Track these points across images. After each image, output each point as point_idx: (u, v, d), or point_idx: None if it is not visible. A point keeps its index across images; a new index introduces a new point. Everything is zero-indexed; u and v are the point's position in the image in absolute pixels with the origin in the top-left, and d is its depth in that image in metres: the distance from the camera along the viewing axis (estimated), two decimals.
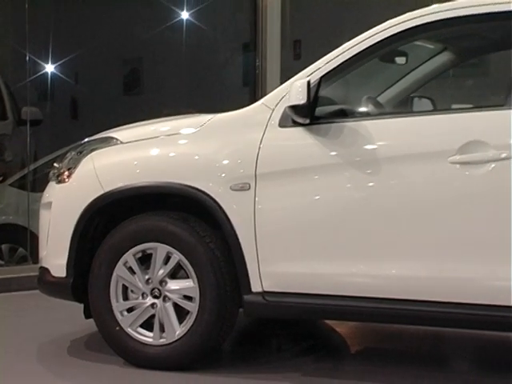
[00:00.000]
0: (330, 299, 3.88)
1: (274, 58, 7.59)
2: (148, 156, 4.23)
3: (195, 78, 8.05)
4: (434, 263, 3.72)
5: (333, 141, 3.88)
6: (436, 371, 4.28)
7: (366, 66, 4.15)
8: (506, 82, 3.77)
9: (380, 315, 3.90)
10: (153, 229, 4.12)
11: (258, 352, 4.60)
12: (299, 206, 3.92)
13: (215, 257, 4.01)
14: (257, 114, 4.06)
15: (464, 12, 3.86)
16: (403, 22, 3.90)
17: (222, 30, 7.95)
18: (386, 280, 3.81)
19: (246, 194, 3.96)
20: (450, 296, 3.70)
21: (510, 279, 3.57)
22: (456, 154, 3.66)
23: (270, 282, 3.95)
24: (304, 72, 3.99)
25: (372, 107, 4.19)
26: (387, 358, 4.57)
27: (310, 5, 8.22)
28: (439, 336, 4.84)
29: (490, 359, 4.57)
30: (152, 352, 4.12)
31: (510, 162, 3.57)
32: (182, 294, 4.08)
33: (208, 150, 4.08)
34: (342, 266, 3.86)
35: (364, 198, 3.84)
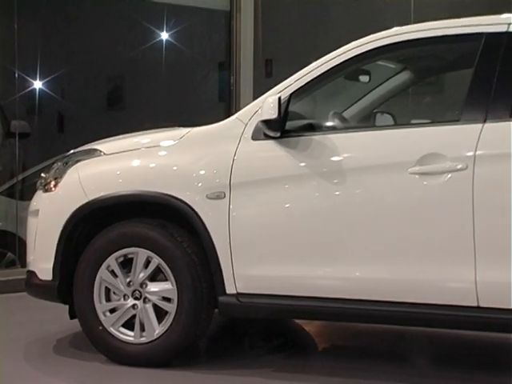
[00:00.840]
0: (299, 300, 3.89)
1: (247, 75, 7.60)
2: (130, 167, 4.21)
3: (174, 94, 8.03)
4: (396, 266, 3.73)
5: (302, 153, 3.89)
6: (398, 367, 4.29)
7: (332, 84, 4.16)
8: (460, 99, 3.79)
9: (345, 315, 3.91)
10: (134, 235, 4.10)
11: (233, 349, 4.59)
12: (270, 213, 3.92)
13: (192, 261, 4.00)
14: (231, 128, 4.06)
15: (422, 34, 3.90)
16: (366, 44, 3.93)
17: (198, 49, 7.94)
18: (351, 282, 3.81)
19: (221, 202, 3.95)
20: (410, 296, 3.71)
21: (467, 281, 3.60)
22: (415, 165, 3.67)
23: (243, 284, 3.95)
24: (275, 89, 3.99)
25: (338, 122, 4.21)
26: (353, 354, 4.58)
27: (280, 26, 8.23)
28: (401, 334, 4.85)
29: (451, 355, 4.59)
30: (133, 350, 4.10)
31: (464, 173, 3.59)
32: (161, 296, 4.07)
33: (186, 161, 4.07)
34: (310, 269, 3.86)
35: (331, 206, 3.85)
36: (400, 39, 3.91)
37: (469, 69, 3.83)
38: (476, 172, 3.58)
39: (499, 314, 3.59)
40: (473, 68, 3.76)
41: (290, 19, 8.33)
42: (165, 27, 7.62)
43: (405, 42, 3.92)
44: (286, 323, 5.08)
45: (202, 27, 7.83)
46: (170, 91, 7.89)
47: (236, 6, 7.56)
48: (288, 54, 8.12)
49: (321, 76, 3.97)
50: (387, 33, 3.93)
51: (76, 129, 7.61)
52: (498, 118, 3.63)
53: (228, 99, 7.67)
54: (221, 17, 7.66)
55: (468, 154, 3.60)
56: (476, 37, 3.78)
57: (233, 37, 7.55)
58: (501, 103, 3.65)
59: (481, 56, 3.74)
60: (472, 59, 3.77)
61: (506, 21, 3.77)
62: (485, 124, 3.62)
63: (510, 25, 3.73)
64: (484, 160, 3.58)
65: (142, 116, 7.53)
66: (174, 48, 7.68)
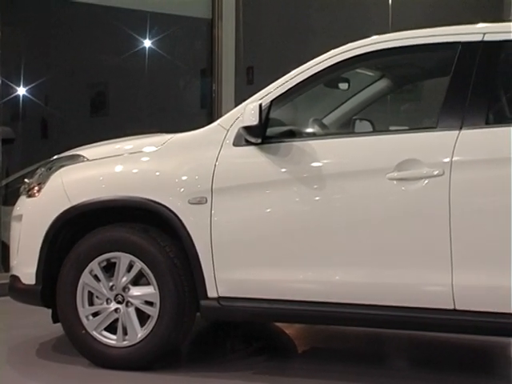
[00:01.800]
0: (280, 303, 3.89)
1: (229, 82, 7.61)
2: (112, 172, 4.20)
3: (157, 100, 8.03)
4: (374, 270, 3.75)
5: (282, 159, 3.90)
6: (377, 369, 4.31)
7: (312, 91, 4.17)
8: (436, 107, 3.82)
9: (325, 318, 3.92)
10: (117, 239, 4.09)
11: (214, 352, 4.59)
12: (251, 218, 3.92)
13: (174, 265, 4.00)
14: (213, 134, 4.06)
15: (399, 43, 3.92)
16: (345, 52, 3.94)
17: (181, 57, 7.94)
18: (330, 286, 3.82)
19: (202, 208, 3.95)
20: (388, 300, 3.73)
21: (444, 284, 3.62)
22: (393, 171, 3.69)
23: (224, 288, 3.95)
24: (256, 96, 4.00)
25: (318, 128, 4.22)
26: (332, 357, 4.58)
27: (261, 34, 8.26)
28: (379, 336, 4.87)
29: (428, 357, 4.61)
30: (115, 353, 4.08)
31: (441, 179, 3.62)
32: (143, 300, 4.05)
33: (168, 166, 4.07)
34: (291, 273, 3.86)
35: (311, 210, 3.86)
36: (378, 48, 3.93)
37: (445, 77, 3.86)
38: (452, 178, 3.60)
39: (475, 316, 3.61)
40: (449, 76, 3.79)
41: (271, 27, 8.35)
42: (147, 35, 7.62)
43: (383, 50, 3.94)
44: (266, 326, 5.08)
45: (185, 35, 7.83)
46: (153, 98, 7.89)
47: (218, 14, 7.58)
48: (269, 61, 8.14)
49: (301, 83, 3.98)
50: (366, 41, 3.95)
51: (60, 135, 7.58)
52: (474, 125, 3.66)
53: (210, 106, 7.68)
54: (203, 25, 7.67)
55: (445, 160, 3.62)
56: (452, 45, 3.81)
57: (215, 44, 7.57)
58: (476, 110, 3.68)
59: (457, 64, 3.76)
60: (448, 67, 3.80)
61: (482, 30, 3.80)
62: (461, 131, 3.65)
63: (485, 34, 3.77)
64: (460, 166, 3.60)
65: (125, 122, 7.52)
66: (156, 55, 7.68)
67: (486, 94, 3.73)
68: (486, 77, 3.73)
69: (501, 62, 3.78)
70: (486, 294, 3.59)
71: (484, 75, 3.72)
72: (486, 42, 3.75)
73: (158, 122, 7.51)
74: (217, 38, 7.56)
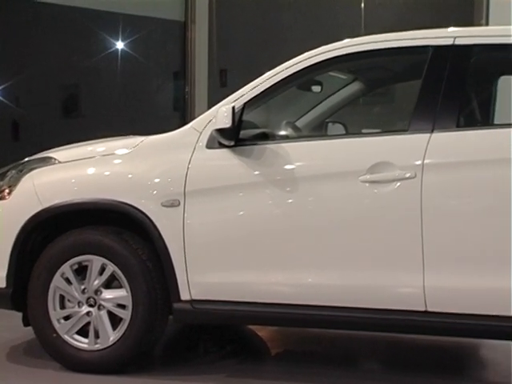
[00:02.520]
0: (253, 306, 3.89)
1: (202, 85, 7.61)
2: (84, 174, 4.18)
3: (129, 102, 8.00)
4: (347, 272, 3.76)
5: (255, 161, 3.90)
6: (350, 371, 4.32)
7: (285, 94, 4.18)
8: (408, 110, 3.85)
9: (298, 320, 3.93)
10: (89, 242, 4.07)
11: (187, 355, 4.57)
12: (224, 220, 3.92)
13: (147, 268, 3.99)
14: (186, 137, 4.05)
15: (371, 46, 3.94)
16: (318, 55, 3.96)
17: (154, 59, 7.92)
18: (304, 288, 3.83)
19: (175, 210, 3.94)
20: (361, 302, 3.74)
21: (416, 286, 3.64)
22: (366, 173, 3.71)
23: (197, 291, 3.94)
24: (229, 98, 4.00)
25: (291, 131, 4.24)
26: (305, 359, 4.59)
27: (235, 37, 8.26)
28: (351, 338, 4.88)
29: (399, 359, 4.63)
30: (87, 357, 4.06)
31: (413, 181, 3.64)
32: (115, 303, 4.04)
33: (141, 169, 4.06)
34: (263, 276, 3.87)
35: (284, 213, 3.86)
36: (351, 51, 3.95)
37: (417, 80, 3.89)
38: (424, 180, 3.63)
39: (447, 318, 3.64)
40: (421, 79, 3.82)
41: (244, 30, 8.36)
42: (120, 37, 7.59)
43: (355, 53, 3.96)
44: (239, 329, 5.08)
45: (158, 37, 7.81)
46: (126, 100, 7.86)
47: (191, 17, 7.58)
48: (242, 63, 8.15)
49: (274, 86, 3.99)
50: (338, 44, 3.97)
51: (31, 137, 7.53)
52: (445, 128, 3.69)
53: (183, 108, 7.67)
54: (176, 27, 7.66)
55: (416, 162, 3.65)
56: (424, 49, 3.84)
57: (188, 47, 7.56)
58: (447, 114, 3.71)
59: (428, 68, 3.80)
60: (420, 71, 3.83)
61: (452, 34, 3.84)
62: (432, 134, 3.68)
63: (455, 38, 3.80)
64: (432, 169, 3.63)
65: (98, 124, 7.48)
66: (129, 57, 7.65)
67: (457, 97, 3.76)
68: (457, 80, 3.76)
69: (471, 65, 3.82)
70: (457, 296, 3.63)
71: (455, 79, 3.75)
72: (456, 46, 3.78)
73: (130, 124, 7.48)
74: (190, 40, 7.56)
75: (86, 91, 7.73)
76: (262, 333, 4.99)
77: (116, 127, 7.28)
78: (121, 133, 4.74)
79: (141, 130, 4.72)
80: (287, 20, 8.39)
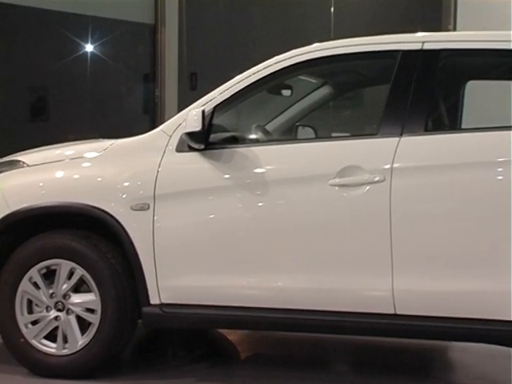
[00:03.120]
0: (223, 310, 3.89)
1: (172, 88, 7.60)
2: (53, 178, 4.15)
3: (99, 105, 7.95)
4: (317, 276, 3.77)
5: (225, 165, 3.90)
6: (319, 374, 4.34)
7: (255, 97, 4.19)
8: (378, 114, 3.87)
9: (268, 324, 3.93)
10: (57, 246, 4.04)
11: (156, 359, 4.55)
12: (194, 224, 3.92)
13: (116, 272, 3.97)
14: (156, 140, 4.04)
15: (341, 51, 3.96)
16: (288, 59, 3.97)
17: (123, 62, 7.89)
18: (274, 291, 3.83)
19: (145, 214, 3.93)
20: (330, 305, 3.76)
21: (385, 289, 3.66)
22: (335, 177, 3.73)
23: (167, 295, 3.93)
24: (199, 102, 4.00)
25: (261, 134, 4.24)
26: (275, 363, 4.59)
27: (205, 40, 8.26)
28: (322, 341, 4.90)
29: (369, 361, 4.65)
30: (55, 362, 4.03)
31: (382, 185, 3.66)
32: (84, 307, 4.01)
33: (110, 172, 4.04)
34: (233, 279, 3.87)
35: (253, 217, 3.87)
36: (320, 55, 3.97)
37: (386, 84, 3.91)
38: (393, 184, 3.65)
39: (415, 321, 3.67)
40: (390, 83, 3.84)
41: (214, 33, 8.36)
42: (89, 39, 7.55)
43: (325, 57, 3.97)
44: (209, 333, 5.07)
45: (127, 40, 7.78)
46: (95, 103, 7.82)
47: (161, 20, 7.56)
48: (212, 67, 8.14)
49: (244, 89, 3.99)
50: (308, 48, 3.98)
51: None
52: (414, 132, 3.71)
53: (153, 111, 7.65)
54: (145, 30, 7.64)
55: (385, 166, 3.67)
56: (392, 54, 3.87)
57: (157, 50, 7.54)
58: (416, 118, 3.74)
59: (397, 72, 3.82)
60: (389, 75, 3.85)
61: (421, 39, 3.87)
62: (401, 138, 3.70)
63: (424, 43, 3.84)
64: (400, 172, 3.66)
65: (66, 127, 7.43)
66: (98, 60, 7.61)
67: (426, 101, 3.79)
68: (425, 85, 3.79)
69: (439, 70, 3.86)
70: (426, 299, 3.65)
71: (423, 83, 3.78)
72: (425, 51, 3.82)
73: (99, 128, 7.44)
74: (160, 43, 7.54)
75: (54, 94, 7.66)
76: (231, 336, 4.99)
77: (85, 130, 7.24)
78: (90, 136, 4.71)
79: (110, 133, 4.69)
80: (258, 24, 8.41)
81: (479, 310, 3.59)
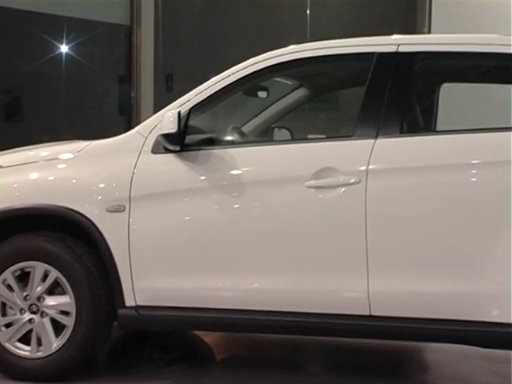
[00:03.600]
0: (199, 312, 3.88)
1: (148, 89, 7.57)
2: (28, 179, 4.12)
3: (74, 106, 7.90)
4: (293, 277, 3.77)
5: (201, 166, 3.89)
6: (295, 375, 4.34)
7: (231, 99, 4.18)
8: (353, 116, 3.88)
9: (244, 325, 3.93)
10: (31, 248, 4.01)
11: (132, 362, 4.54)
12: (170, 226, 3.91)
13: (91, 274, 3.94)
14: (131, 141, 4.02)
15: (317, 53, 3.97)
16: (264, 61, 3.96)
17: (99, 63, 7.84)
18: (250, 293, 3.83)
19: (120, 215, 3.91)
20: (306, 307, 3.76)
21: (360, 291, 3.67)
22: (311, 179, 3.73)
23: (142, 297, 3.91)
24: (175, 103, 3.99)
25: (237, 136, 4.24)
26: (251, 364, 4.59)
27: (181, 42, 8.24)
28: (297, 343, 4.90)
29: (344, 363, 4.66)
30: (29, 365, 3.99)
31: (357, 187, 3.67)
32: (59, 310, 3.98)
33: (85, 174, 4.01)
34: (209, 281, 3.86)
35: (230, 218, 3.86)
36: (296, 57, 3.97)
37: (362, 86, 3.92)
38: (368, 186, 3.66)
39: (391, 322, 3.68)
40: (365, 86, 3.86)
41: (190, 35, 8.34)
42: (64, 40, 7.50)
43: (301, 59, 3.98)
44: (185, 335, 5.06)
45: (103, 41, 7.74)
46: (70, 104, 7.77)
47: (136, 21, 7.53)
48: (189, 68, 8.13)
49: (220, 91, 3.99)
50: (284, 50, 3.99)
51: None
52: (389, 134, 3.73)
53: (128, 113, 7.61)
54: (121, 31, 7.60)
55: (361, 168, 3.68)
56: (368, 56, 3.88)
57: (133, 51, 7.51)
58: (391, 120, 3.75)
59: (372, 74, 3.83)
60: (364, 77, 3.87)
61: (396, 41, 3.89)
62: (376, 140, 3.72)
63: (399, 45, 3.85)
64: (376, 174, 3.67)
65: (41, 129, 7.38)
66: (74, 61, 7.56)
67: (401, 103, 3.81)
68: (401, 87, 3.81)
69: (414, 72, 3.87)
70: (401, 300, 3.67)
71: (398, 85, 3.80)
72: (400, 53, 3.83)
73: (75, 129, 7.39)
74: (135, 44, 7.51)
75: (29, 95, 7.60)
76: (207, 338, 4.98)
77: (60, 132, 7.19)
78: (65, 137, 4.68)
79: (86, 134, 4.67)
80: (234, 26, 8.40)
81: (453, 311, 3.61)
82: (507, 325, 3.54)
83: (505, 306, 3.54)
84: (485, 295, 3.56)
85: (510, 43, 3.76)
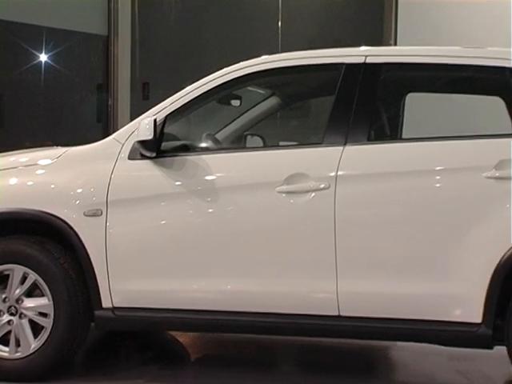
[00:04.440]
0: (174, 313, 3.87)
1: (125, 97, 7.54)
2: (7, 184, 4.07)
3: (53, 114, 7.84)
4: (265, 279, 3.77)
5: (176, 172, 3.88)
6: (266, 373, 4.34)
7: (206, 107, 4.18)
8: (323, 123, 3.89)
9: (217, 326, 3.92)
10: (10, 251, 3.97)
11: (108, 362, 4.51)
12: (146, 230, 3.89)
13: (69, 276, 3.91)
14: (108, 148, 4.00)
15: (288, 63, 3.98)
16: (237, 70, 3.97)
17: (77, 71, 7.79)
18: (223, 295, 3.83)
19: (98, 220, 3.88)
20: (277, 308, 3.76)
21: (329, 292, 3.68)
22: (282, 184, 3.73)
23: (119, 299, 3.89)
24: (151, 111, 3.97)
25: (211, 143, 4.23)
26: (224, 363, 4.58)
27: (157, 51, 8.21)
28: (270, 343, 4.89)
29: (313, 361, 4.67)
30: (8, 365, 3.95)
31: (327, 192, 3.68)
32: (37, 311, 3.94)
33: (63, 179, 3.98)
34: (183, 283, 3.85)
35: (203, 223, 3.85)
36: (268, 67, 3.98)
37: (331, 96, 3.94)
38: (337, 191, 3.67)
39: (358, 322, 3.69)
40: (334, 95, 3.87)
41: (166, 44, 8.32)
42: (44, 49, 7.45)
43: (273, 69, 3.99)
44: (160, 335, 5.03)
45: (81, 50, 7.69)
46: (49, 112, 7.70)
47: (113, 31, 7.51)
48: (164, 77, 8.10)
49: (195, 99, 3.98)
50: (256, 61, 3.99)
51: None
52: (357, 141, 3.75)
53: (106, 120, 7.58)
54: (99, 41, 7.57)
55: (330, 174, 3.69)
56: (337, 67, 3.90)
57: (110, 60, 7.48)
58: (359, 128, 3.77)
59: (341, 84, 3.85)
60: (333, 87, 3.88)
61: (364, 53, 3.91)
62: (345, 147, 3.73)
63: (366, 57, 3.87)
64: (345, 180, 3.68)
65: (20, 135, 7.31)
66: (53, 70, 7.51)
67: (368, 112, 3.83)
68: (368, 96, 3.83)
69: (381, 82, 3.90)
70: (368, 301, 3.68)
71: (366, 95, 3.81)
72: (367, 64, 3.85)
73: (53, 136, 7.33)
74: (113, 54, 7.48)
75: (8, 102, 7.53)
76: (182, 338, 4.96)
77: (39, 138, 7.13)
78: (43, 144, 4.64)
79: (64, 141, 4.63)
80: (208, 36, 8.40)
81: (418, 312, 3.63)
82: (469, 324, 3.57)
83: (466, 306, 3.56)
84: (447, 296, 3.58)
85: (470, 55, 3.82)
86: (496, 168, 3.56)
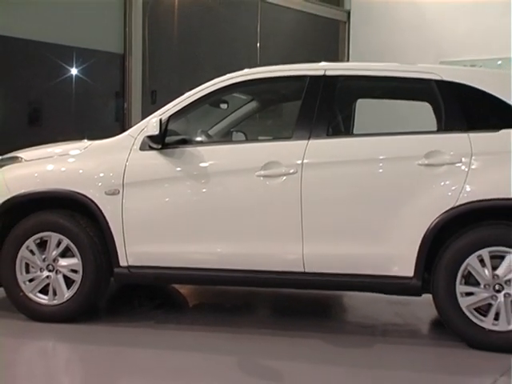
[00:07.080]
0: (176, 270, 3.86)
1: (137, 102, 7.50)
2: (45, 170, 4.04)
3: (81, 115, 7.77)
4: (246, 244, 3.77)
5: (177, 160, 3.86)
6: (248, 317, 4.34)
7: (200, 109, 4.15)
8: (292, 122, 3.89)
9: (209, 280, 3.93)
10: (48, 222, 3.95)
11: (124, 307, 4.49)
12: (153, 205, 3.87)
13: (94, 241, 3.90)
14: (124, 141, 3.97)
15: (264, 75, 3.99)
16: (224, 80, 3.96)
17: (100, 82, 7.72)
18: (214, 256, 3.82)
19: (116, 197, 3.86)
20: (256, 266, 3.76)
21: (297, 253, 3.68)
22: (260, 170, 3.73)
23: (133, 259, 3.88)
24: (158, 112, 3.96)
25: (204, 137, 4.21)
26: (216, 309, 4.58)
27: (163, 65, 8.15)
28: (250, 293, 4.90)
29: (285, 308, 4.67)
30: (47, 310, 3.95)
31: (295, 176, 3.68)
32: (69, 269, 3.93)
33: (89, 165, 3.96)
34: (184, 247, 3.84)
35: (199, 199, 3.84)
36: (249, 77, 3.97)
37: (298, 100, 3.93)
38: (303, 175, 3.68)
39: (319, 276, 3.70)
40: (301, 100, 3.86)
41: (170, 61, 8.27)
42: (73, 65, 7.37)
43: (253, 80, 3.98)
44: (165, 287, 5.02)
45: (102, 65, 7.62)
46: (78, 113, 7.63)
47: (128, 50, 7.48)
48: (168, 86, 8.04)
49: (192, 103, 3.97)
50: (240, 73, 3.98)
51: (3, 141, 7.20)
52: (319, 136, 3.75)
53: (122, 120, 7.53)
54: (116, 58, 7.51)
55: (297, 162, 3.69)
56: (303, 78, 3.89)
57: (126, 73, 7.45)
58: (320, 126, 3.77)
59: (306, 92, 3.84)
60: (300, 94, 3.87)
61: (324, 67, 3.90)
62: (309, 140, 3.73)
63: (326, 70, 3.86)
64: (309, 166, 3.68)
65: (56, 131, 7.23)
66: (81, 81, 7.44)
67: (327, 113, 3.83)
68: (327, 101, 3.83)
69: (337, 90, 3.89)
70: (327, 260, 3.69)
71: (325, 100, 3.81)
72: (326, 76, 3.85)
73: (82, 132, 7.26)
74: (128, 68, 7.44)
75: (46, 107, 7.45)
76: (183, 290, 4.95)
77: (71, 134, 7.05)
78: (74, 138, 4.59)
79: (89, 136, 4.58)
80: (202, 54, 8.35)
81: (366, 268, 3.65)
82: (404, 278, 3.59)
83: (402, 264, 3.58)
84: (387, 256, 3.60)
85: (405, 69, 3.83)
86: (425, 157, 3.58)
